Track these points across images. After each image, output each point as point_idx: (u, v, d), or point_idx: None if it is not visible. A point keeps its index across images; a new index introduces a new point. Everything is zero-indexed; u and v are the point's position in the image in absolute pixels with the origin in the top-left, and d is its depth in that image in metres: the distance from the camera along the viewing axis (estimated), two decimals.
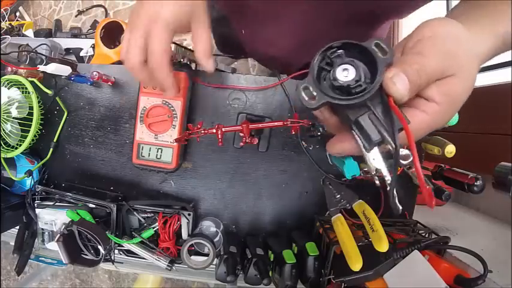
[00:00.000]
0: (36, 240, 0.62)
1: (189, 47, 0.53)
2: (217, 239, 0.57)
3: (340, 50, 0.23)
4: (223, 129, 0.47)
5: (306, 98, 0.22)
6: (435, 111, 0.24)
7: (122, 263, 0.63)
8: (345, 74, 0.22)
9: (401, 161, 0.21)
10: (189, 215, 0.57)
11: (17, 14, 1.58)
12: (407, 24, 1.24)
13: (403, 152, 0.21)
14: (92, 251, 0.56)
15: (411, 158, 0.21)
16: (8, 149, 0.57)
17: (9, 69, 0.57)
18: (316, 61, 0.23)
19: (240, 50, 0.69)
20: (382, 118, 0.22)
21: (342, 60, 0.22)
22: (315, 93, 0.22)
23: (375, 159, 0.22)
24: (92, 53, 0.98)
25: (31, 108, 0.56)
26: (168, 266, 0.56)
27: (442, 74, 0.23)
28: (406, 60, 0.23)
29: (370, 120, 0.22)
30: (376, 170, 0.23)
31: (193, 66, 0.57)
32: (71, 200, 0.58)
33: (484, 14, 0.29)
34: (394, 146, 0.21)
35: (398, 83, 0.21)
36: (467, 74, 0.24)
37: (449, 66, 0.23)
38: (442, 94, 0.23)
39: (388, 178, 0.22)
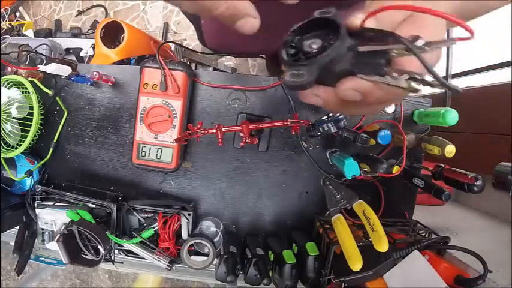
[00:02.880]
0: (36, 240, 0.62)
1: (189, 47, 0.53)
2: (217, 239, 0.57)
3: (296, 37, 0.24)
4: (223, 129, 0.47)
5: (298, 80, 0.22)
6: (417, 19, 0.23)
7: (122, 263, 0.63)
8: (313, 45, 0.23)
9: (417, 44, 0.20)
10: (189, 215, 0.57)
11: (17, 14, 1.58)
12: None
13: (411, 38, 0.20)
14: (92, 251, 0.56)
15: (420, 37, 0.20)
16: (8, 149, 0.57)
17: (9, 69, 0.57)
18: (284, 54, 0.24)
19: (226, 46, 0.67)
20: (369, 44, 0.22)
21: (302, 40, 0.23)
22: (301, 72, 0.22)
23: (396, 76, 0.22)
24: (92, 53, 0.98)
25: (31, 108, 0.56)
26: (168, 266, 0.56)
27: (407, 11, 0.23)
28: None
29: (361, 53, 0.22)
30: (408, 79, 0.21)
31: (193, 66, 0.57)
32: (71, 200, 0.58)
33: None
34: (400, 40, 0.20)
35: (358, 15, 0.22)
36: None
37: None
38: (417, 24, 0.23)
39: (425, 76, 0.21)
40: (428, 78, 0.20)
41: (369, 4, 0.25)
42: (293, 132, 0.50)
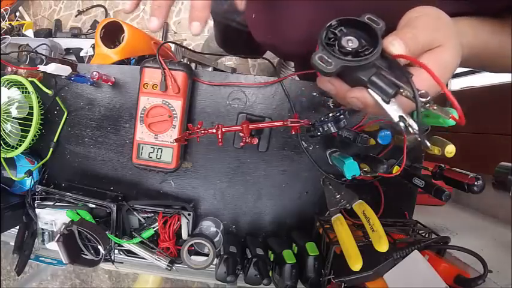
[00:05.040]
0: (36, 240, 0.62)
1: (189, 47, 0.53)
2: (217, 239, 0.57)
3: (340, 27, 0.27)
4: (223, 129, 0.47)
5: (324, 65, 0.25)
6: (428, 77, 0.27)
7: (122, 263, 0.63)
8: (349, 43, 0.26)
9: (421, 98, 0.24)
10: (189, 215, 0.57)
11: (17, 14, 1.58)
12: None
13: (420, 91, 0.24)
14: (92, 251, 0.56)
15: (428, 96, 0.24)
16: (8, 149, 0.57)
17: (9, 69, 0.57)
18: (324, 35, 0.27)
19: (241, 47, 0.68)
20: (391, 73, 0.25)
21: (343, 33, 0.26)
22: (330, 60, 0.25)
23: (395, 108, 0.25)
24: (92, 53, 0.98)
25: (31, 108, 0.56)
26: (168, 266, 0.56)
27: (431, 44, 0.28)
28: (399, 32, 0.28)
29: (382, 76, 0.25)
30: (400, 117, 0.25)
31: (193, 66, 0.57)
32: (71, 200, 0.58)
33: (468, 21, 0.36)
34: (412, 88, 0.24)
35: (396, 45, 0.26)
36: (453, 45, 0.28)
37: (437, 37, 0.28)
38: (433, 61, 0.27)
39: (411, 122, 0.25)
40: (413, 126, 0.25)
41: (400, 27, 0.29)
42: (293, 132, 0.50)
